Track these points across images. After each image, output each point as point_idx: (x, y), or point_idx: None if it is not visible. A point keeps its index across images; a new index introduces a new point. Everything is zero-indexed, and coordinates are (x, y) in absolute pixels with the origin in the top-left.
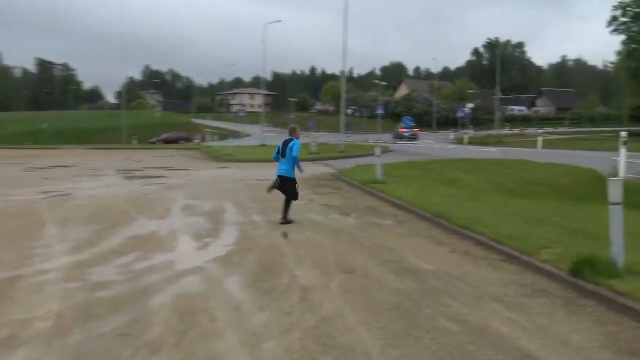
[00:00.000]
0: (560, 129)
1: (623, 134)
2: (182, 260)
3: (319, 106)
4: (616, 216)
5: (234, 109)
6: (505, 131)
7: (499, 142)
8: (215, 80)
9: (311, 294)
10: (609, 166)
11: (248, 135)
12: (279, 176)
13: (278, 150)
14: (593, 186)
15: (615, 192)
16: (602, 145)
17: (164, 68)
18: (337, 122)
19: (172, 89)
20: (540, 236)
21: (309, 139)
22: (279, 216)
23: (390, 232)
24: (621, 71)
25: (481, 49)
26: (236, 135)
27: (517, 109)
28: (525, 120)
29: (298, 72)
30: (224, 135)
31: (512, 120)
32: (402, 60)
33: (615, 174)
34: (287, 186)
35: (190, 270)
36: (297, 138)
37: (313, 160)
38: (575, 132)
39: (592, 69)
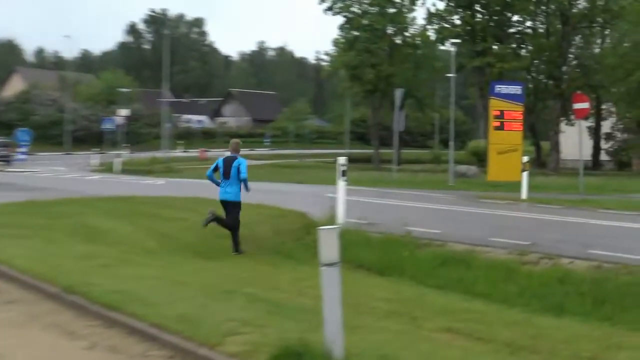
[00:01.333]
0: (258, 151)
1: (341, 160)
2: None
3: None
4: (331, 283)
5: None
6: (179, 153)
7: (169, 170)
8: None
9: None
10: (326, 207)
11: None
12: (222, 201)
13: (216, 169)
14: (304, 238)
15: (328, 247)
16: (317, 175)
17: None
18: None
19: None
20: (227, 316)
21: None
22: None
23: None
24: (339, 68)
25: (141, 26)
26: None
27: (196, 120)
28: (207, 137)
29: None
30: None
31: (188, 137)
32: (15, 37)
33: (332, 220)
34: (229, 211)
35: None
36: (239, 155)
37: None
38: (280, 155)
39: (302, 64)
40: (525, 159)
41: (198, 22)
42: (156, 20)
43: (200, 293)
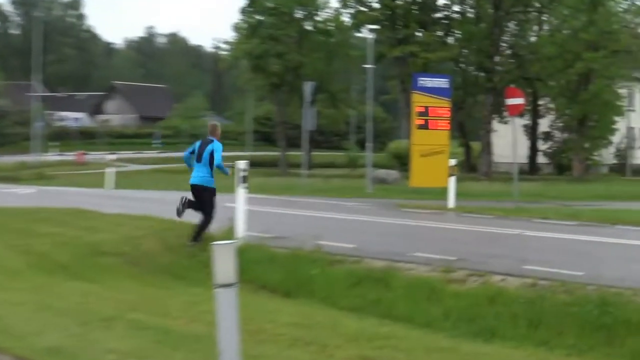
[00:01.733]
0: (146, 154)
1: (241, 164)
2: None
3: None
4: (227, 307)
5: None
6: (53, 157)
7: (40, 176)
8: None
9: None
10: (224, 219)
11: None
12: (192, 185)
13: (193, 151)
14: (198, 254)
15: (224, 265)
16: (217, 181)
17: None
18: None
19: None
20: (106, 347)
21: None
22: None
23: None
24: (240, 58)
25: (8, 8)
26: None
27: (74, 118)
28: (86, 137)
29: None
30: None
31: (64, 138)
32: None
33: (230, 234)
34: (201, 198)
35: None
36: (218, 139)
37: None
38: (171, 158)
39: (197, 52)
40: (453, 162)
41: (75, 4)
42: (25, 1)
43: (76, 320)
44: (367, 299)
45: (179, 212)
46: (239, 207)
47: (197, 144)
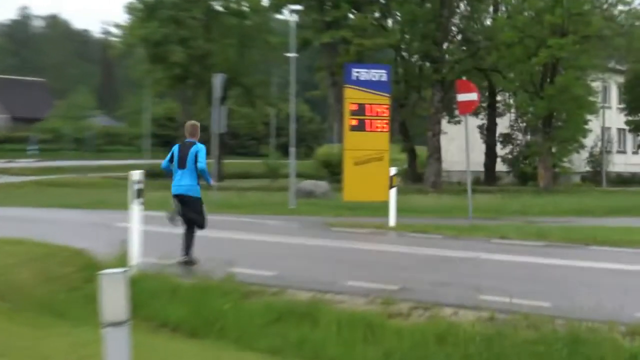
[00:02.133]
0: (19, 163)
1: (135, 175)
2: None
3: None
4: (117, 350)
5: None
6: None
7: None
8: None
9: None
10: (115, 241)
11: None
12: (175, 196)
13: (172, 158)
14: (83, 286)
15: (113, 299)
16: (105, 196)
17: None
18: None
19: None
20: None
21: None
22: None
23: None
24: (135, 45)
25: None
26: None
27: None
28: None
29: None
30: None
31: None
32: None
33: (123, 260)
34: (188, 208)
35: None
36: (198, 140)
37: None
38: (50, 168)
39: (83, 39)
40: (394, 170)
41: None
42: None
43: None
44: (290, 339)
45: (173, 219)
46: (133, 228)
47: (175, 148)
